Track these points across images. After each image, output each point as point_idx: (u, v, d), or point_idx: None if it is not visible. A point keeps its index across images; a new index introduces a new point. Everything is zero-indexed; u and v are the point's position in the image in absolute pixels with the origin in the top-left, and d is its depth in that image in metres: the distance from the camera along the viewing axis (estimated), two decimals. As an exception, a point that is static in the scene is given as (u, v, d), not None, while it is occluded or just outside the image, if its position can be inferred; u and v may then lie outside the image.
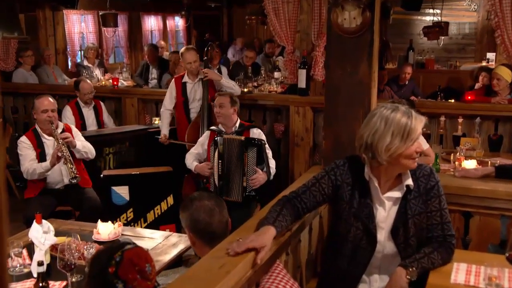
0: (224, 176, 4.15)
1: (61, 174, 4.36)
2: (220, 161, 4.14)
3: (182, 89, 5.20)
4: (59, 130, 4.32)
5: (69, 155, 4.19)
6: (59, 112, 5.56)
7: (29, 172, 4.19)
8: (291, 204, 2.36)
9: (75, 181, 4.16)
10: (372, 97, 3.12)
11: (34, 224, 2.88)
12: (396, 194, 2.33)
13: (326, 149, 3.30)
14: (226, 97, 4.28)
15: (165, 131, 5.21)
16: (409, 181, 2.30)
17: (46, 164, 4.19)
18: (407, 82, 7.24)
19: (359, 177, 2.36)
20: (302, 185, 2.44)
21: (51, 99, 4.34)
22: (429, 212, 2.31)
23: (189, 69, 5.15)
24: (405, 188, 2.31)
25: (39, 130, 4.35)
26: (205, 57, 5.34)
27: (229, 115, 4.27)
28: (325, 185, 2.39)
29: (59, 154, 4.12)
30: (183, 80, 5.22)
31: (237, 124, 4.33)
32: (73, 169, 4.16)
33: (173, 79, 5.35)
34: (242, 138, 4.11)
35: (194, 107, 5.19)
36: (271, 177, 4.15)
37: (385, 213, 2.34)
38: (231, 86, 5.23)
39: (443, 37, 7.70)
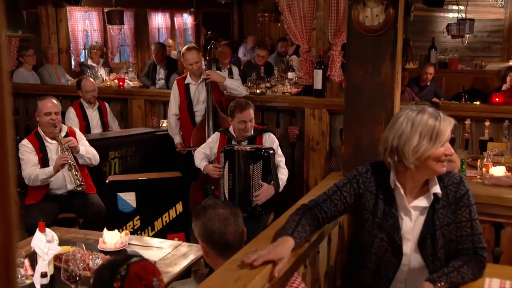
0: (234, 190, 4.13)
1: (64, 180, 4.36)
2: (230, 174, 4.11)
3: (185, 91, 5.17)
4: (63, 134, 4.33)
5: (74, 161, 4.20)
6: (62, 114, 5.59)
7: (31, 178, 4.19)
8: (310, 213, 2.34)
9: (80, 189, 4.16)
10: (395, 99, 3.09)
11: (37, 233, 2.88)
12: (423, 203, 2.30)
13: (345, 154, 3.27)
14: (250, 109, 4.21)
15: (178, 139, 5.18)
16: (437, 189, 2.27)
17: (50, 170, 4.19)
18: (428, 83, 7.20)
19: (383, 185, 2.33)
20: (322, 193, 2.42)
21: (55, 101, 4.34)
22: (459, 223, 2.28)
23: (191, 70, 5.12)
24: (432, 197, 2.28)
25: (41, 133, 4.35)
26: (208, 57, 5.32)
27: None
28: (347, 194, 2.36)
29: (65, 162, 4.12)
30: (186, 82, 5.18)
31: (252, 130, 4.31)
32: (78, 176, 4.15)
33: (175, 81, 5.34)
34: (248, 148, 4.07)
35: (199, 110, 5.16)
36: (280, 189, 4.10)
37: (411, 224, 2.31)
38: (236, 87, 5.20)
39: (467, 35, 7.64)
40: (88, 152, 4.40)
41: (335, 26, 5.45)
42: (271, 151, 4.03)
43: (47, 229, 2.95)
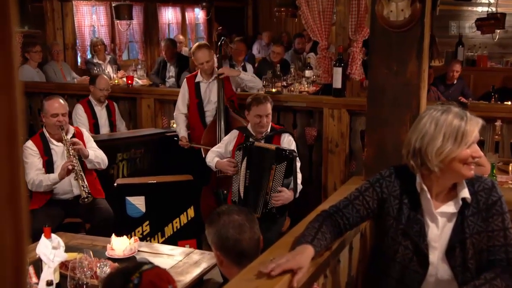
0: (251, 188, 4.13)
1: (70, 184, 4.37)
2: (248, 171, 4.12)
3: (195, 89, 5.20)
4: (69, 136, 4.34)
5: (81, 169, 4.19)
6: (69, 114, 5.62)
7: (34, 183, 4.19)
8: (331, 220, 2.33)
9: (86, 201, 4.15)
10: (422, 99, 3.08)
11: (43, 239, 2.90)
12: (451, 208, 2.28)
13: (368, 157, 3.26)
14: (268, 104, 4.22)
15: (183, 133, 5.22)
16: (465, 193, 2.25)
17: (54, 176, 4.20)
18: (455, 82, 7.16)
19: (408, 190, 2.32)
20: (343, 199, 2.41)
21: (62, 101, 4.36)
22: (491, 232, 2.25)
23: (201, 69, 5.16)
24: (460, 202, 2.26)
25: (47, 134, 4.38)
26: (218, 55, 5.33)
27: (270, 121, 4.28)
28: (370, 198, 2.36)
29: (70, 167, 4.14)
30: (196, 80, 5.21)
31: (268, 128, 4.32)
32: (85, 187, 4.15)
33: (185, 79, 5.37)
34: (273, 147, 4.07)
35: (210, 110, 5.19)
36: (297, 195, 4.11)
37: (438, 231, 2.29)
38: (252, 78, 5.25)
39: (498, 31, 7.56)
40: (97, 156, 4.42)
41: (356, 21, 5.43)
42: (294, 153, 4.05)
43: (53, 235, 2.97)
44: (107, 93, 5.65)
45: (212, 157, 4.39)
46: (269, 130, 4.31)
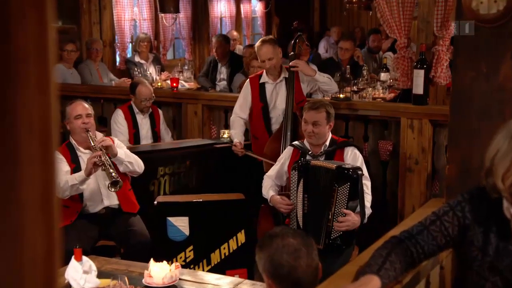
0: (311, 215, 4.14)
1: (100, 193, 4.52)
2: (305, 195, 4.12)
3: (260, 91, 5.25)
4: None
5: (108, 159, 4.30)
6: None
7: (59, 186, 4.32)
8: (402, 247, 2.34)
9: (114, 189, 4.25)
10: (517, 108, 3.05)
11: (73, 262, 3.02)
12: (548, 240, 2.27)
13: (450, 176, 3.26)
14: (321, 113, 4.26)
15: (239, 138, 5.21)
16: None
17: (81, 173, 4.30)
18: None
19: (496, 215, 2.31)
20: (417, 223, 2.42)
21: (85, 104, 4.57)
22: None
23: (264, 68, 5.23)
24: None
25: (73, 143, 4.56)
26: (292, 52, 5.38)
27: (324, 133, 4.30)
28: (449, 224, 2.36)
29: (97, 160, 4.25)
30: (261, 81, 5.25)
31: (327, 142, 4.35)
32: (114, 173, 4.24)
33: (248, 80, 5.42)
34: (334, 166, 4.04)
35: (275, 116, 5.23)
36: (365, 220, 4.09)
37: (532, 266, 2.28)
38: (327, 80, 5.23)
39: None
40: (128, 155, 4.52)
41: (443, 15, 5.39)
42: (359, 172, 4.01)
43: (84, 258, 3.09)
44: (150, 104, 5.71)
45: (268, 188, 4.43)
46: (327, 143, 4.34)
